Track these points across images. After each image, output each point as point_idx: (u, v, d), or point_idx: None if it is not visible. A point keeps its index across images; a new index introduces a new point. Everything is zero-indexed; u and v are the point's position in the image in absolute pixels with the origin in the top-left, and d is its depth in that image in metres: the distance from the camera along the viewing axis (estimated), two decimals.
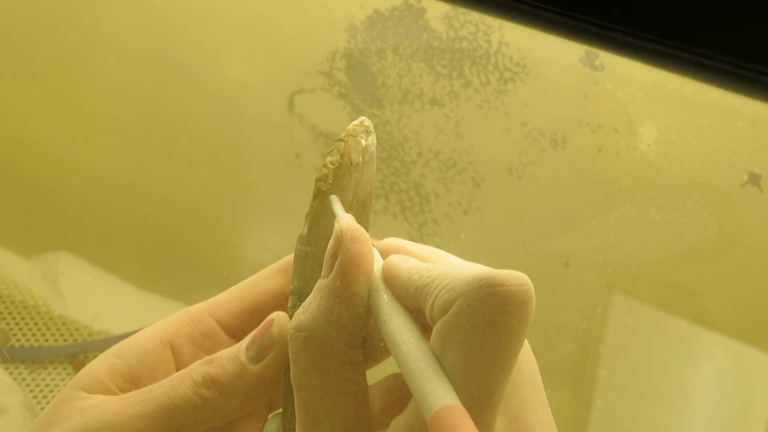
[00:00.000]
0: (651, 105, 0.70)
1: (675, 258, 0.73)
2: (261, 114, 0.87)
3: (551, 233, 0.76)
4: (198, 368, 0.41)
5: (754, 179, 0.67)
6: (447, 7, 0.74)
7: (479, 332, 0.33)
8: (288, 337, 0.37)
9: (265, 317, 0.45)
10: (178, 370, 0.44)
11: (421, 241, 0.80)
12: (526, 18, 0.60)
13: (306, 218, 0.43)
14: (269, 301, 0.46)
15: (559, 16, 0.58)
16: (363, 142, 0.43)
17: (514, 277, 0.33)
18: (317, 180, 0.42)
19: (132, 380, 0.43)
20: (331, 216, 0.42)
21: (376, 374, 0.44)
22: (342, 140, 0.43)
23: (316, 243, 0.42)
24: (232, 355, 0.41)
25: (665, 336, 0.76)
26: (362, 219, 0.43)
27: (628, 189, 0.72)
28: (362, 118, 0.44)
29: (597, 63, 0.70)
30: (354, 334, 0.37)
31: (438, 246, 0.77)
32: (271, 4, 0.85)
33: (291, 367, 0.37)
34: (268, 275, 0.46)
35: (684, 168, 0.70)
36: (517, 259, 0.77)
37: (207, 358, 0.42)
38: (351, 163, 0.43)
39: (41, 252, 0.98)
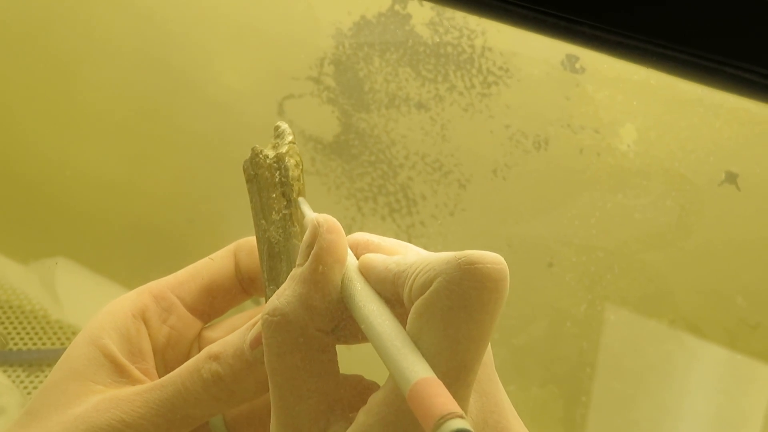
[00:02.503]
0: (630, 106, 0.71)
1: (656, 256, 0.74)
2: (252, 119, 0.89)
3: (535, 233, 0.77)
4: (206, 365, 0.43)
5: (731, 178, 0.69)
6: (432, 13, 0.75)
7: (457, 308, 0.35)
8: (261, 322, 0.39)
9: (221, 295, 0.47)
10: (152, 340, 0.46)
11: (409, 242, 0.81)
12: (508, 17, 0.61)
13: (291, 217, 0.44)
14: (225, 281, 0.48)
15: (541, 14, 0.59)
16: (296, 147, 0.45)
17: (490, 256, 0.35)
18: (294, 180, 0.44)
19: (126, 357, 0.45)
20: (302, 214, 0.44)
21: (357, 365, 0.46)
22: (293, 142, 0.45)
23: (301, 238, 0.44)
24: (238, 352, 0.43)
25: (648, 334, 0.77)
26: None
27: (609, 189, 0.73)
28: (285, 123, 0.46)
29: (578, 66, 0.71)
30: (326, 319, 0.39)
31: (425, 246, 0.79)
32: (260, 11, 0.86)
33: (264, 352, 0.39)
34: (225, 255, 0.49)
35: (663, 167, 0.71)
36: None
37: (212, 351, 0.43)
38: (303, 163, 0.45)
39: (38, 257, 0.99)
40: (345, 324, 0.40)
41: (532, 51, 0.73)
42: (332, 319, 0.39)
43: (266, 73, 0.88)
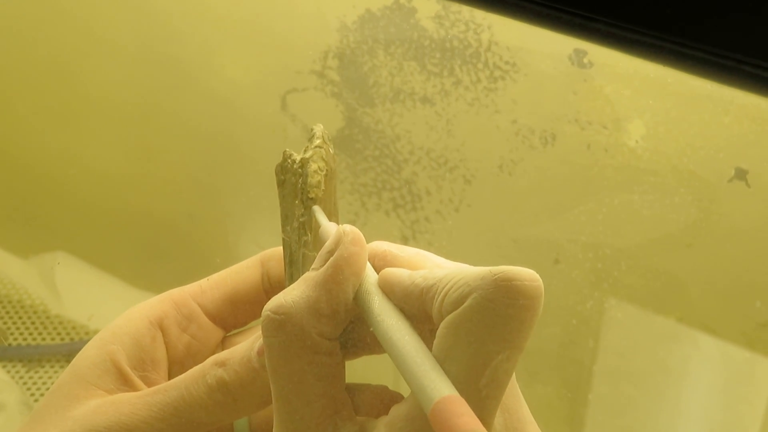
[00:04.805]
0: (639, 102, 0.70)
1: (664, 253, 0.73)
2: (254, 113, 0.88)
3: (541, 230, 0.77)
4: (211, 371, 0.42)
5: (741, 174, 0.68)
6: (437, 7, 0.75)
7: (493, 324, 0.34)
8: (263, 318, 0.38)
9: (245, 305, 0.46)
10: (168, 350, 0.45)
11: (413, 238, 0.81)
12: (515, 11, 0.61)
13: (305, 225, 0.44)
14: (249, 290, 0.47)
15: (548, 8, 0.59)
16: (331, 150, 0.44)
17: (527, 273, 0.35)
18: (312, 187, 0.43)
19: (133, 366, 0.44)
20: (316, 223, 0.43)
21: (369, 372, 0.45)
22: (320, 147, 0.44)
23: (317, 247, 0.43)
24: (245, 359, 0.42)
25: (655, 330, 0.77)
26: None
27: (616, 185, 0.73)
28: (321, 126, 0.45)
29: (585, 60, 0.71)
30: (330, 328, 0.38)
31: (430, 243, 0.78)
32: (264, 4, 0.86)
33: (265, 352, 0.38)
34: (250, 265, 0.48)
35: (672, 164, 0.70)
36: (507, 255, 0.78)
37: (219, 358, 0.42)
38: (331, 169, 0.44)
39: (38, 252, 0.99)
40: (351, 335, 0.39)
41: (539, 45, 0.72)
42: (336, 328, 0.38)
43: (269, 66, 0.87)
